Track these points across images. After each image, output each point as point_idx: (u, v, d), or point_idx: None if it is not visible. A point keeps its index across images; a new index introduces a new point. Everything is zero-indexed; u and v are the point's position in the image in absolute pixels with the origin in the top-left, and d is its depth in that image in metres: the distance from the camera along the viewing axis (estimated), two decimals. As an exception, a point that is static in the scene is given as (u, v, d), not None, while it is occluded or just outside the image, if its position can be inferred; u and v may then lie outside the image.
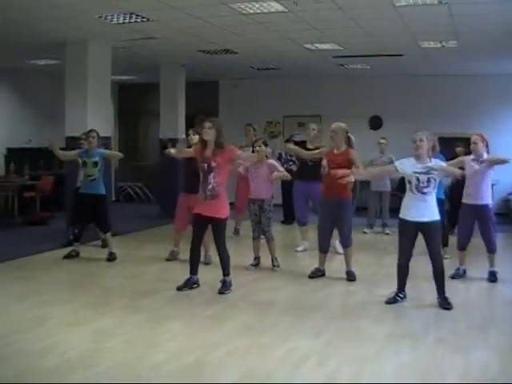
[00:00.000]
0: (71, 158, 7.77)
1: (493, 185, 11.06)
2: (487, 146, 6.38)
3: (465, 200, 6.43)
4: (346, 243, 6.52)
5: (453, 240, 7.12)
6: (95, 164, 7.36)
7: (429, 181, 5.29)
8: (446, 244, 7.42)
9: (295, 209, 8.22)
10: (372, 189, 9.93)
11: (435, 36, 8.43)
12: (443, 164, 5.51)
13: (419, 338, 4.58)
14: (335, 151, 6.36)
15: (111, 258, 7.36)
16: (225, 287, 5.88)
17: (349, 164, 6.22)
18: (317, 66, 11.35)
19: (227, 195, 5.92)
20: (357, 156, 6.30)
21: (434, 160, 5.45)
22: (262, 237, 6.95)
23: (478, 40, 8.62)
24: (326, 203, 6.46)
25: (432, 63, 10.78)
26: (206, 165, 5.73)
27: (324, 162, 6.85)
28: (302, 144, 7.92)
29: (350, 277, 6.43)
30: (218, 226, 5.85)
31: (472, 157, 6.39)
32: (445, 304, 5.34)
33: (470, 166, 6.33)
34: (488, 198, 6.38)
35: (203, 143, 5.78)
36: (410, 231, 5.38)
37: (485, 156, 6.32)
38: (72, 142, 8.30)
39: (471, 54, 9.74)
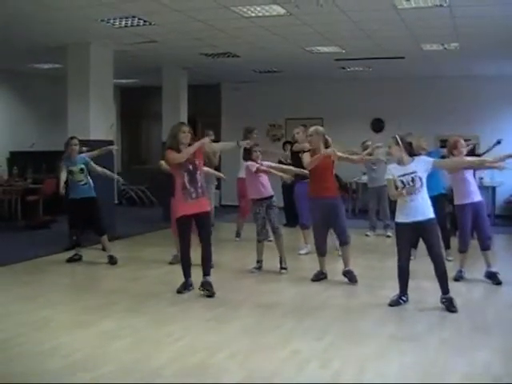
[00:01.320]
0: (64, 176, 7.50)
1: (495, 187, 11.19)
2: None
3: (462, 201, 6.34)
4: (344, 241, 6.51)
5: (453, 242, 7.12)
6: (81, 170, 7.43)
7: (413, 180, 5.30)
8: (448, 246, 7.41)
9: (300, 211, 8.17)
10: (369, 185, 9.92)
11: (437, 38, 8.44)
12: (429, 159, 5.49)
13: (422, 340, 4.58)
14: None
15: (112, 261, 7.36)
16: (210, 288, 5.84)
17: (333, 163, 6.47)
18: (319, 68, 11.37)
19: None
20: (336, 151, 6.33)
21: (417, 159, 5.43)
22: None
23: (480, 42, 8.63)
24: (317, 204, 6.43)
25: (434, 65, 10.79)
26: (191, 165, 5.81)
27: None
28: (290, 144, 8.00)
29: (349, 276, 6.42)
30: (208, 219, 6.02)
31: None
32: (450, 307, 5.32)
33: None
34: (479, 194, 6.45)
35: (177, 149, 5.77)
36: (407, 233, 5.40)
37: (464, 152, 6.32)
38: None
39: (473, 56, 9.74)
